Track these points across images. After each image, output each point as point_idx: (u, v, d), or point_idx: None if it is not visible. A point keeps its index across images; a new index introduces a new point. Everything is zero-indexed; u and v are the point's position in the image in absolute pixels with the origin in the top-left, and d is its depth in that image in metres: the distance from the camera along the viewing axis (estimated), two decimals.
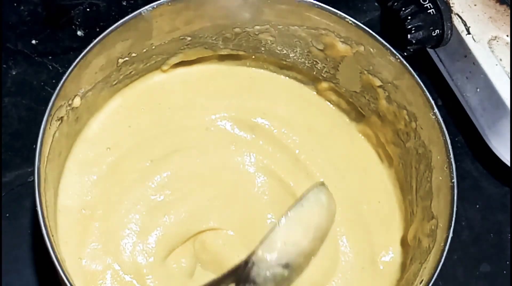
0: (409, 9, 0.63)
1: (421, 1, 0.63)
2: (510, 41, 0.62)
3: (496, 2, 0.64)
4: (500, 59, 0.61)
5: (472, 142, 0.66)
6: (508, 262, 0.63)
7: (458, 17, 0.63)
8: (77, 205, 0.55)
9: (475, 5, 0.64)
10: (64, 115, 0.53)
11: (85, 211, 0.55)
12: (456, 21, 0.63)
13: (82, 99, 0.54)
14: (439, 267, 0.49)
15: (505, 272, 0.63)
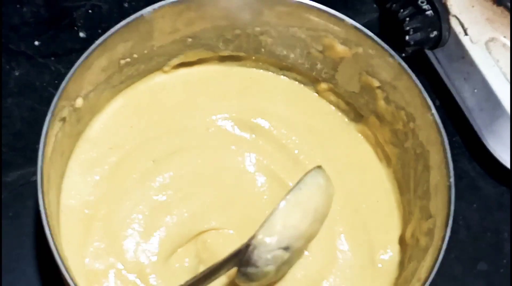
0: (407, 11, 0.63)
1: (419, 3, 0.63)
2: (510, 43, 0.62)
3: (494, 4, 0.64)
4: (498, 60, 0.61)
5: (470, 142, 0.66)
6: (505, 261, 0.63)
7: (456, 19, 0.63)
8: (80, 205, 0.55)
9: (473, 7, 0.64)
10: (67, 116, 0.53)
11: (88, 211, 0.55)
12: (454, 23, 0.63)
13: (84, 100, 0.55)
14: (437, 266, 0.49)
15: (502, 271, 0.63)
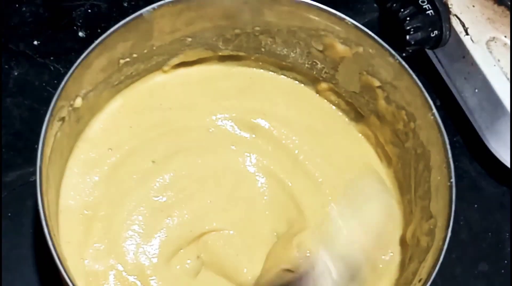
0: (408, 10, 0.63)
1: (420, 2, 0.63)
2: (510, 42, 0.62)
3: (494, 3, 0.64)
4: (498, 60, 0.61)
5: (471, 142, 0.66)
6: (506, 261, 0.63)
7: (457, 18, 0.63)
8: (79, 206, 0.55)
9: (473, 6, 0.64)
10: (66, 116, 0.53)
11: (87, 212, 0.55)
12: (455, 22, 0.63)
13: (84, 100, 0.54)
14: (438, 266, 0.49)
15: (503, 271, 0.63)
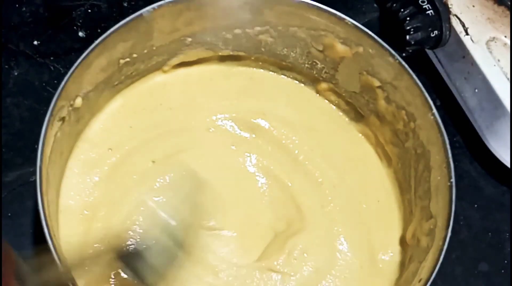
0: (408, 10, 0.63)
1: (420, 2, 0.63)
2: (510, 42, 0.62)
3: (494, 3, 0.64)
4: (498, 60, 0.61)
5: (471, 142, 0.66)
6: (506, 261, 0.63)
7: (457, 18, 0.63)
8: (79, 206, 0.55)
9: (473, 6, 0.64)
10: (66, 116, 0.53)
11: (87, 212, 0.55)
12: (455, 22, 0.63)
13: (84, 100, 0.55)
14: (438, 266, 0.49)
15: (503, 271, 0.63)
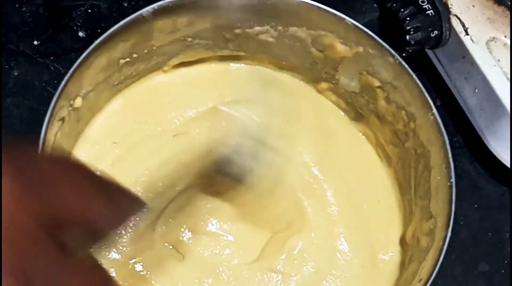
0: (408, 10, 0.62)
1: (420, 2, 0.63)
2: (510, 42, 0.62)
3: (495, 3, 0.64)
4: (498, 60, 0.61)
5: (471, 142, 0.66)
6: (506, 261, 0.63)
7: (457, 18, 0.63)
8: None
9: (474, 6, 0.63)
10: (66, 116, 0.53)
11: None
12: (455, 22, 0.63)
13: (84, 100, 0.55)
14: (438, 266, 0.49)
15: (503, 271, 0.63)
